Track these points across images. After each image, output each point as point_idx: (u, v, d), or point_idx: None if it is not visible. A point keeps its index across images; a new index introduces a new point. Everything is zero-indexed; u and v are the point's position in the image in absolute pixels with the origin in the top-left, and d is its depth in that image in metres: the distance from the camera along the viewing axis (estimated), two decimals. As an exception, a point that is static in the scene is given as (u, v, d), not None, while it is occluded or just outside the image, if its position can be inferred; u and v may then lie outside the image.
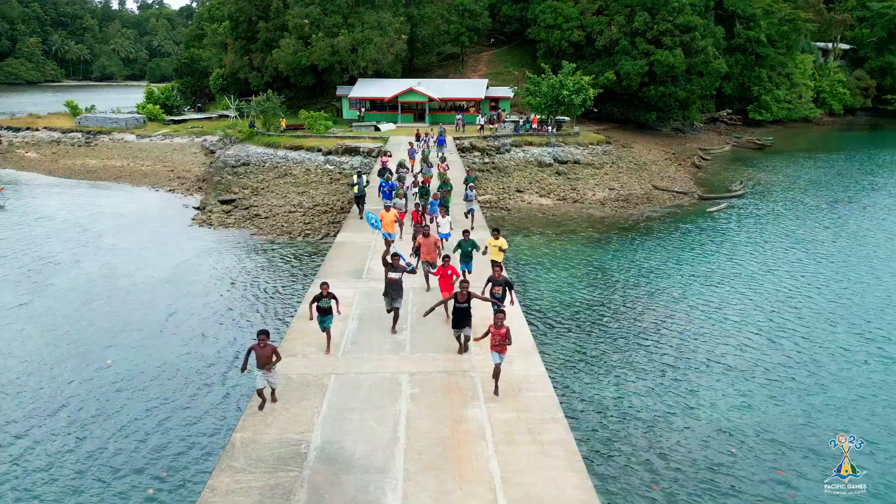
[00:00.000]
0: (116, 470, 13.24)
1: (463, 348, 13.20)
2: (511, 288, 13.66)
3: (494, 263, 14.08)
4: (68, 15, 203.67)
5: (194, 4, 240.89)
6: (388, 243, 18.44)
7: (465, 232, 16.90)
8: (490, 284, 13.43)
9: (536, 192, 38.51)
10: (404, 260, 14.55)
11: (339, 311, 13.37)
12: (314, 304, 13.06)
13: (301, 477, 9.25)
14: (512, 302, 13.76)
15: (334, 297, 13.07)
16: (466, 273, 16.01)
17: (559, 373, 17.03)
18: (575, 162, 44.21)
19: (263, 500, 8.80)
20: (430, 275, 16.23)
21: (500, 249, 16.01)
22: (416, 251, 16.46)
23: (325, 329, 13.38)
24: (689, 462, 14.04)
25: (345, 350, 13.45)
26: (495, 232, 16.58)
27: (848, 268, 26.72)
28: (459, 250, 16.49)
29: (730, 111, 75.65)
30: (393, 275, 13.98)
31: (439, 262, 15.00)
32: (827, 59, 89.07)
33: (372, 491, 9.01)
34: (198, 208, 35.15)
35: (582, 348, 18.78)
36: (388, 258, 14.15)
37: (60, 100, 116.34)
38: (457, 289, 12.78)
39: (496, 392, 11.52)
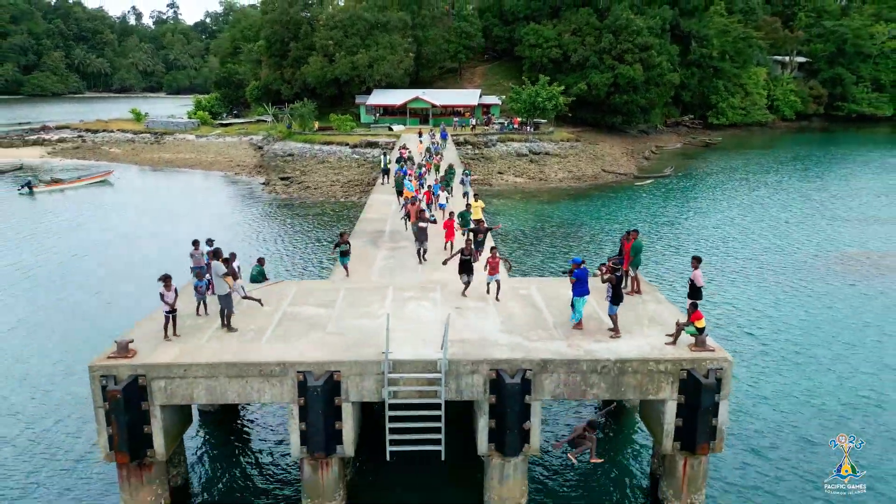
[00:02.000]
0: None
1: (466, 290, 16.29)
2: (490, 231, 21.26)
3: (478, 219, 21.76)
4: (89, 30, 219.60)
5: (208, 20, 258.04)
6: (416, 203, 24.44)
7: (468, 205, 24.08)
8: (474, 232, 19.02)
9: (513, 174, 52.58)
10: (429, 213, 23.08)
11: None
12: (336, 247, 18.44)
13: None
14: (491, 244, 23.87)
15: (348, 243, 17.89)
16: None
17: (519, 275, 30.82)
18: (546, 153, 58.23)
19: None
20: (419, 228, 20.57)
21: (481, 209, 27.38)
22: (407, 215, 23.69)
23: (344, 264, 17.97)
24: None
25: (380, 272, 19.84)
26: (475, 196, 28.55)
27: (732, 230, 40.54)
28: (460, 219, 22.55)
29: (692, 116, 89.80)
30: (422, 224, 19.61)
31: (442, 220, 22.58)
32: (784, 71, 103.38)
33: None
34: (263, 183, 49.31)
35: (541, 263, 32.37)
36: (418, 213, 20.69)
37: (85, 110, 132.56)
38: (462, 245, 17.28)
39: (497, 297, 15.75)
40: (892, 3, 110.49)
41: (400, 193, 29.13)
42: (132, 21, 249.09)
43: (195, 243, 16.65)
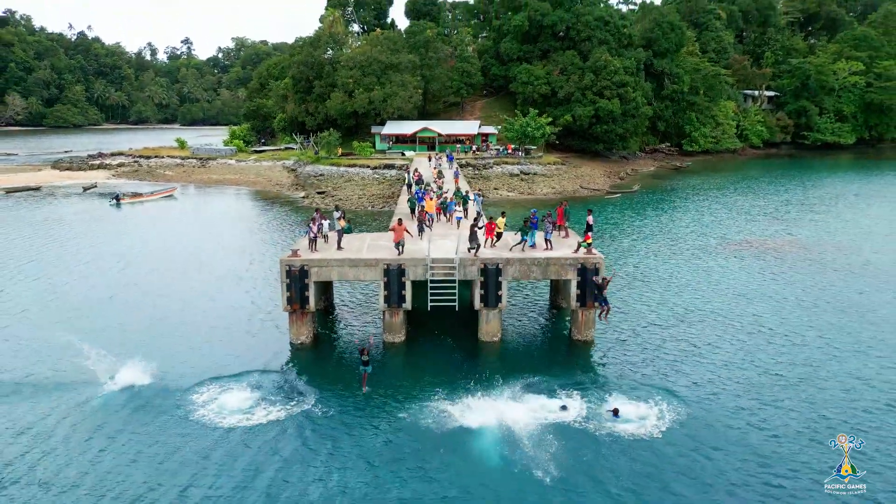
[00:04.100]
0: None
1: (473, 252, 25.40)
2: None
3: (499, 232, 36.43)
4: (108, 65, 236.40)
5: (220, 55, 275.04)
6: (420, 208, 36.28)
7: (477, 215, 39.95)
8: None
9: (506, 189, 65.59)
10: (430, 216, 36.87)
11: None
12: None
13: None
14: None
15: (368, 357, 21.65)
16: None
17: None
18: (535, 174, 71.35)
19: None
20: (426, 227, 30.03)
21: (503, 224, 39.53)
22: (419, 219, 30.46)
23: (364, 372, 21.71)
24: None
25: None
26: (502, 213, 40.76)
27: (678, 237, 53.25)
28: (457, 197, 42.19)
29: (668, 144, 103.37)
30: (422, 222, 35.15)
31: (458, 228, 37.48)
32: (755, 103, 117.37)
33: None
34: (303, 196, 62.27)
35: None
36: (421, 214, 33.84)
37: (107, 140, 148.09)
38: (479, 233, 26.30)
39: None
40: (852, 42, 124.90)
41: (412, 211, 36.02)
42: (148, 56, 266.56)
43: (317, 209, 29.47)
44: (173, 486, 16.31)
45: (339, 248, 26.49)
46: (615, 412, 19.85)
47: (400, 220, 26.26)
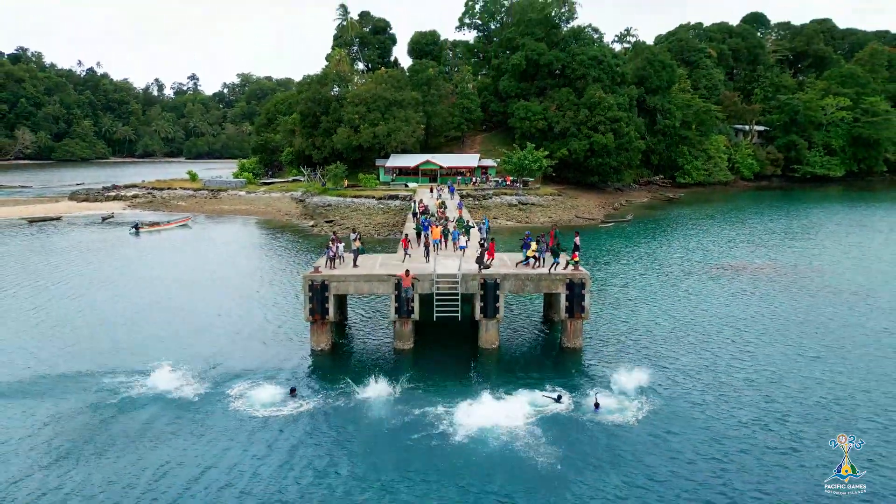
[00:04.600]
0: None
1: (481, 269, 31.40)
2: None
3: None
4: (116, 100, 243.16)
5: (225, 91, 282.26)
6: (425, 235, 43.77)
7: (481, 242, 45.86)
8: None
9: (505, 218, 69.33)
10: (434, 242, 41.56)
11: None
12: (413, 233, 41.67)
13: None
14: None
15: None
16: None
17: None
18: (532, 204, 75.17)
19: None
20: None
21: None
22: (425, 245, 34.77)
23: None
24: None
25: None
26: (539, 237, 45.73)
27: (664, 262, 56.77)
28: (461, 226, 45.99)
29: (662, 176, 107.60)
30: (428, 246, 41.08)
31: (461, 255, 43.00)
32: (746, 138, 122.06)
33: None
34: (312, 225, 65.94)
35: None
36: (426, 241, 39.22)
37: (111, 174, 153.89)
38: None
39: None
40: (839, 79, 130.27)
41: (419, 235, 39.03)
42: (155, 92, 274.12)
43: (335, 233, 33.00)
44: (222, 462, 19.49)
45: (355, 265, 29.93)
46: (596, 405, 23.04)
47: (406, 235, 30.09)
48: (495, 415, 22.10)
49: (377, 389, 24.26)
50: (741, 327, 32.54)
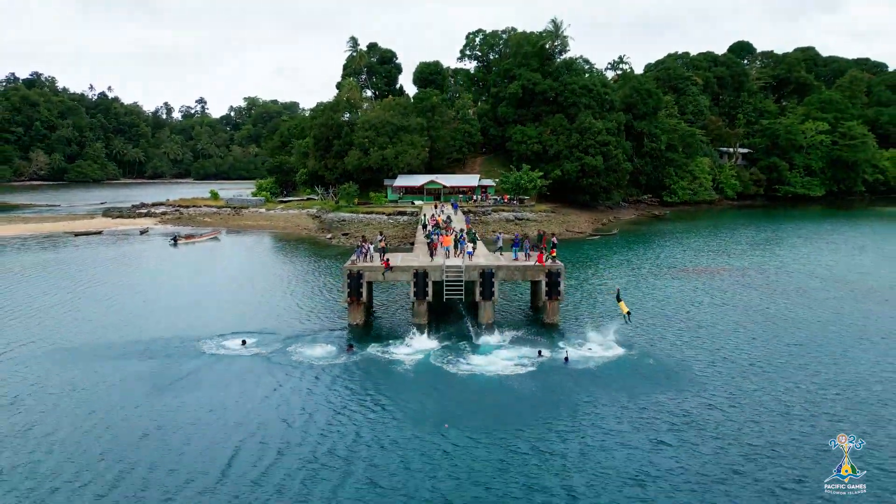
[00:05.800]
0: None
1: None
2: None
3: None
4: (126, 123, 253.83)
5: (232, 114, 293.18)
6: (433, 243, 54.18)
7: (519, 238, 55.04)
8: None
9: (503, 231, 78.12)
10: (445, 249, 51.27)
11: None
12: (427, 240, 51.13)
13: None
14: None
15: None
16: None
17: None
18: (527, 219, 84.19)
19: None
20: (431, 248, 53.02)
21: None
22: (431, 249, 49.82)
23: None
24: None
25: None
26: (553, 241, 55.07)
27: (636, 265, 65.61)
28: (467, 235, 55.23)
29: (650, 195, 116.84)
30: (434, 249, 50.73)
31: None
32: (730, 160, 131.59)
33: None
34: (329, 237, 74.87)
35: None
36: (432, 247, 49.72)
37: (124, 194, 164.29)
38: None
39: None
40: (819, 105, 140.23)
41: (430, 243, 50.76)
42: (164, 115, 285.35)
43: (363, 237, 42.00)
44: (298, 394, 28.23)
45: (383, 260, 38.86)
46: (566, 359, 31.73)
47: (431, 239, 39.74)
48: (491, 365, 30.79)
49: (405, 350, 33.05)
50: (693, 311, 41.34)
